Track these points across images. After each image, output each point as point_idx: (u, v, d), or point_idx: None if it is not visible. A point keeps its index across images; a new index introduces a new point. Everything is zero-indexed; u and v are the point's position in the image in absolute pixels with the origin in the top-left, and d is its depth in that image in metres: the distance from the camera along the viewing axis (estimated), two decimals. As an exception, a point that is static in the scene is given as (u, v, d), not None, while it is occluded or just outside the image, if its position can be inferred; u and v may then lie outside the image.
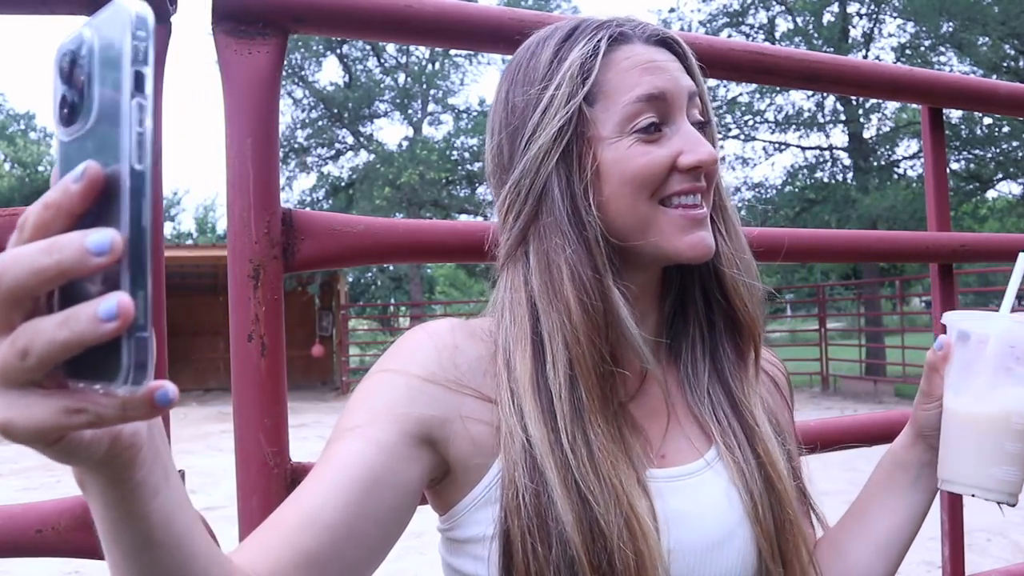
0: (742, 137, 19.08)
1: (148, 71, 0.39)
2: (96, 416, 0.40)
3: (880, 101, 15.61)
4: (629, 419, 0.80)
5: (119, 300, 0.36)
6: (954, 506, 1.59)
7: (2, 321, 0.39)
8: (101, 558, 0.97)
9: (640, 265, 0.82)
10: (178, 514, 0.52)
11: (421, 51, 20.29)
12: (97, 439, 0.43)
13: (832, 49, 17.02)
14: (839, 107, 18.10)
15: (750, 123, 18.93)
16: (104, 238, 0.37)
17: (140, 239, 0.38)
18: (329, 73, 42.57)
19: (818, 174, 18.88)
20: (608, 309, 0.76)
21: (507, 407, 0.76)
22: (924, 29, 16.87)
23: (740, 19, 18.90)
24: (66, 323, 0.37)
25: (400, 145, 19.98)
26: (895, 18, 17.96)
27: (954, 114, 15.70)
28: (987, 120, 16.33)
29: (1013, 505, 0.83)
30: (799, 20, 18.41)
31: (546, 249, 0.78)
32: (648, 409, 0.84)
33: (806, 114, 18.70)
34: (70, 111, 0.41)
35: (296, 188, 21.04)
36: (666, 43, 0.83)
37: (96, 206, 0.39)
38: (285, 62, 1.09)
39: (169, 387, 0.40)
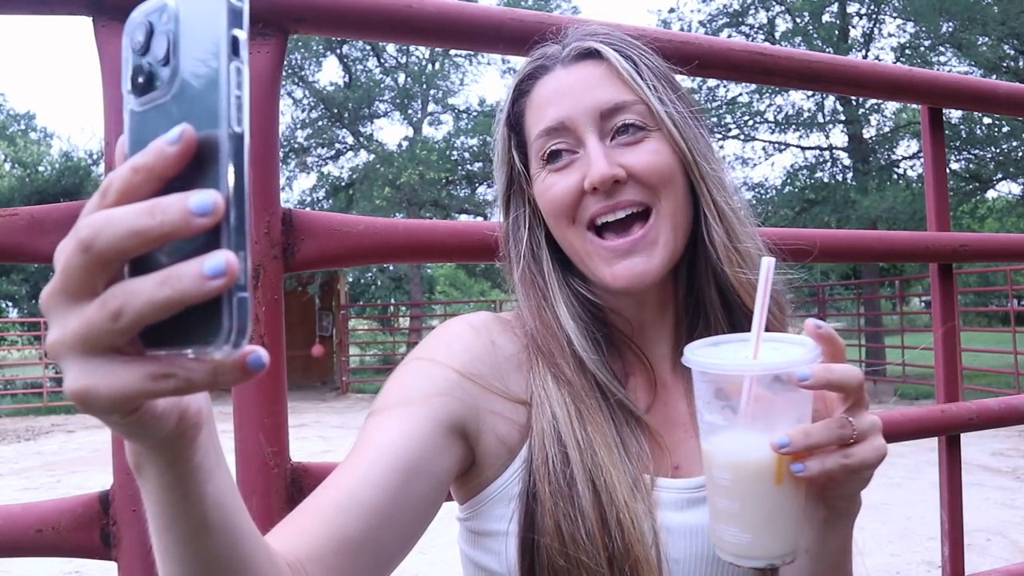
0: (742, 137, 19.08)
1: (244, 36, 0.39)
2: (185, 381, 0.39)
3: (880, 101, 15.61)
4: (645, 428, 0.82)
5: (227, 257, 0.36)
6: (954, 506, 1.59)
7: (86, 285, 0.38)
8: (100, 558, 0.97)
9: None
10: (229, 498, 0.52)
11: (421, 51, 20.28)
12: (168, 413, 0.42)
13: (832, 49, 17.02)
14: (839, 107, 18.09)
15: (750, 123, 18.92)
16: (207, 199, 0.36)
17: (240, 200, 0.38)
18: (329, 73, 42.58)
19: (818, 174, 18.88)
20: (559, 332, 0.83)
21: (539, 379, 0.81)
22: (924, 29, 16.86)
23: (740, 19, 18.89)
24: (167, 282, 0.36)
25: (400, 145, 19.95)
26: (895, 18, 17.96)
27: (954, 114, 15.70)
28: (987, 120, 16.32)
29: (761, 569, 0.71)
30: (799, 20, 18.41)
31: (516, 278, 0.88)
32: (666, 419, 0.85)
33: (806, 114, 18.69)
34: (146, 80, 0.40)
35: (296, 188, 21.03)
36: (592, 55, 0.83)
37: (184, 170, 0.38)
38: (285, 62, 1.09)
39: (261, 351, 0.40)
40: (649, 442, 0.81)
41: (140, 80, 0.40)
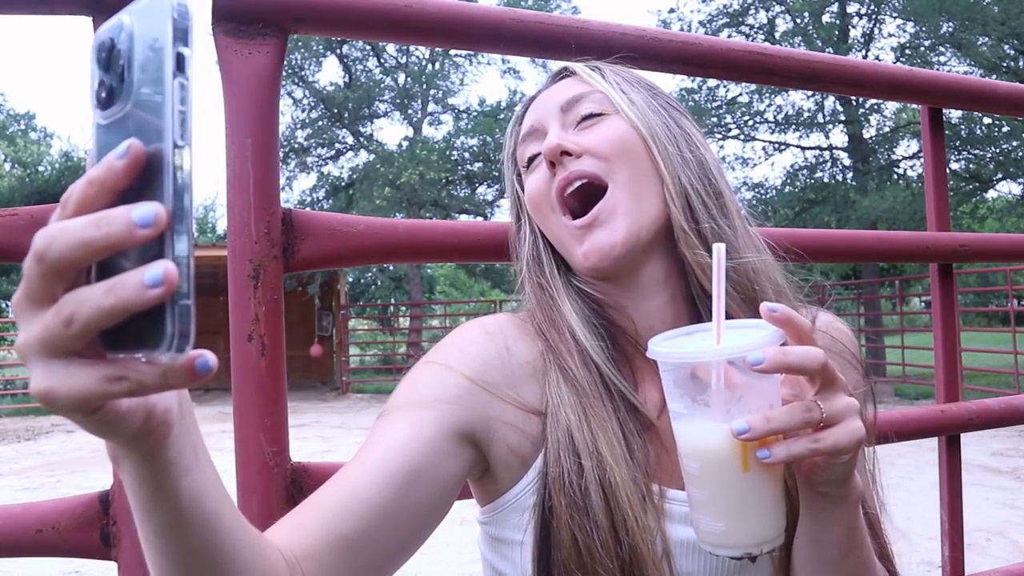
0: (742, 137, 19.08)
1: (189, 52, 0.41)
2: (137, 384, 0.41)
3: (880, 101, 15.61)
4: (655, 434, 0.81)
5: (165, 267, 0.38)
6: (954, 506, 1.59)
7: (45, 292, 0.41)
8: (100, 558, 0.97)
9: (612, 276, 0.85)
10: (208, 493, 0.53)
11: (421, 51, 20.27)
12: (132, 412, 0.44)
13: (832, 49, 17.01)
14: (839, 107, 18.09)
15: (750, 123, 18.92)
16: (149, 211, 0.38)
17: (183, 212, 0.40)
18: (329, 73, 42.52)
19: (818, 174, 18.87)
20: (563, 325, 0.83)
21: (554, 387, 0.80)
22: (924, 29, 16.86)
23: (740, 19, 18.88)
24: (112, 290, 0.38)
25: (400, 145, 19.95)
26: (895, 18, 17.95)
27: (954, 114, 15.69)
28: (987, 120, 16.32)
29: (737, 559, 0.69)
30: (799, 20, 18.40)
31: (523, 279, 0.90)
32: None
33: (806, 114, 18.69)
34: (108, 95, 0.42)
35: (296, 188, 21.03)
36: (568, 73, 0.92)
37: (137, 183, 0.40)
38: (285, 62, 1.09)
39: (208, 355, 0.41)
40: (658, 449, 0.80)
41: (103, 95, 0.42)
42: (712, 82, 17.87)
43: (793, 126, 18.84)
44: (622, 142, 0.82)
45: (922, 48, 17.46)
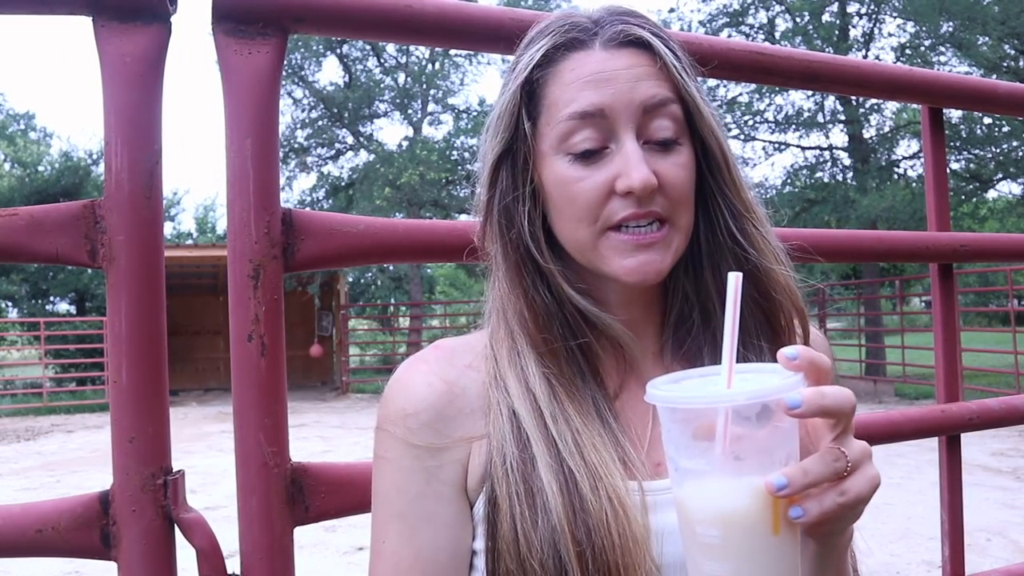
0: (742, 137, 19.07)
1: None
2: None
3: (880, 101, 15.60)
4: (617, 418, 0.79)
5: None
6: (954, 506, 1.59)
7: None
8: (100, 558, 0.97)
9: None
10: None
11: (421, 51, 20.26)
12: None
13: (832, 49, 17.01)
14: (839, 107, 18.09)
15: (750, 123, 18.91)
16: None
17: None
18: (329, 73, 42.44)
19: (818, 174, 18.87)
20: (553, 300, 0.79)
21: (493, 386, 0.79)
22: (924, 29, 16.85)
23: (740, 19, 18.88)
24: None
25: (400, 145, 19.94)
26: (895, 18, 17.95)
27: (954, 114, 15.69)
28: (987, 120, 16.32)
29: None
30: (799, 20, 18.40)
31: (496, 250, 0.82)
32: (639, 412, 0.80)
33: (806, 114, 18.68)
34: None
35: (296, 188, 21.01)
36: (638, 43, 0.76)
37: None
38: (285, 62, 1.09)
39: None
40: (623, 434, 0.77)
41: None
42: (712, 82, 17.85)
43: (793, 126, 18.83)
44: (689, 186, 0.77)
45: (922, 48, 17.45)
